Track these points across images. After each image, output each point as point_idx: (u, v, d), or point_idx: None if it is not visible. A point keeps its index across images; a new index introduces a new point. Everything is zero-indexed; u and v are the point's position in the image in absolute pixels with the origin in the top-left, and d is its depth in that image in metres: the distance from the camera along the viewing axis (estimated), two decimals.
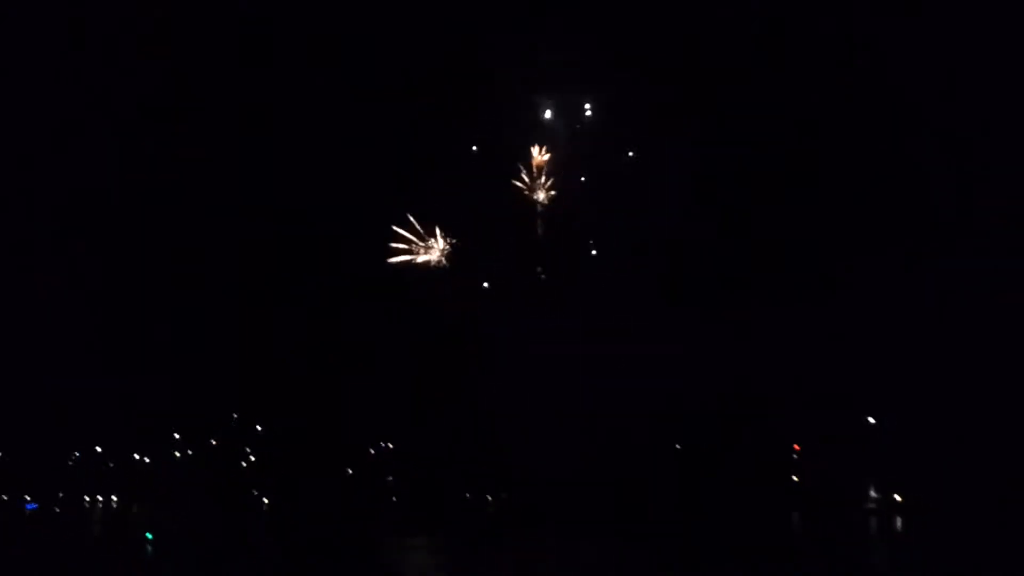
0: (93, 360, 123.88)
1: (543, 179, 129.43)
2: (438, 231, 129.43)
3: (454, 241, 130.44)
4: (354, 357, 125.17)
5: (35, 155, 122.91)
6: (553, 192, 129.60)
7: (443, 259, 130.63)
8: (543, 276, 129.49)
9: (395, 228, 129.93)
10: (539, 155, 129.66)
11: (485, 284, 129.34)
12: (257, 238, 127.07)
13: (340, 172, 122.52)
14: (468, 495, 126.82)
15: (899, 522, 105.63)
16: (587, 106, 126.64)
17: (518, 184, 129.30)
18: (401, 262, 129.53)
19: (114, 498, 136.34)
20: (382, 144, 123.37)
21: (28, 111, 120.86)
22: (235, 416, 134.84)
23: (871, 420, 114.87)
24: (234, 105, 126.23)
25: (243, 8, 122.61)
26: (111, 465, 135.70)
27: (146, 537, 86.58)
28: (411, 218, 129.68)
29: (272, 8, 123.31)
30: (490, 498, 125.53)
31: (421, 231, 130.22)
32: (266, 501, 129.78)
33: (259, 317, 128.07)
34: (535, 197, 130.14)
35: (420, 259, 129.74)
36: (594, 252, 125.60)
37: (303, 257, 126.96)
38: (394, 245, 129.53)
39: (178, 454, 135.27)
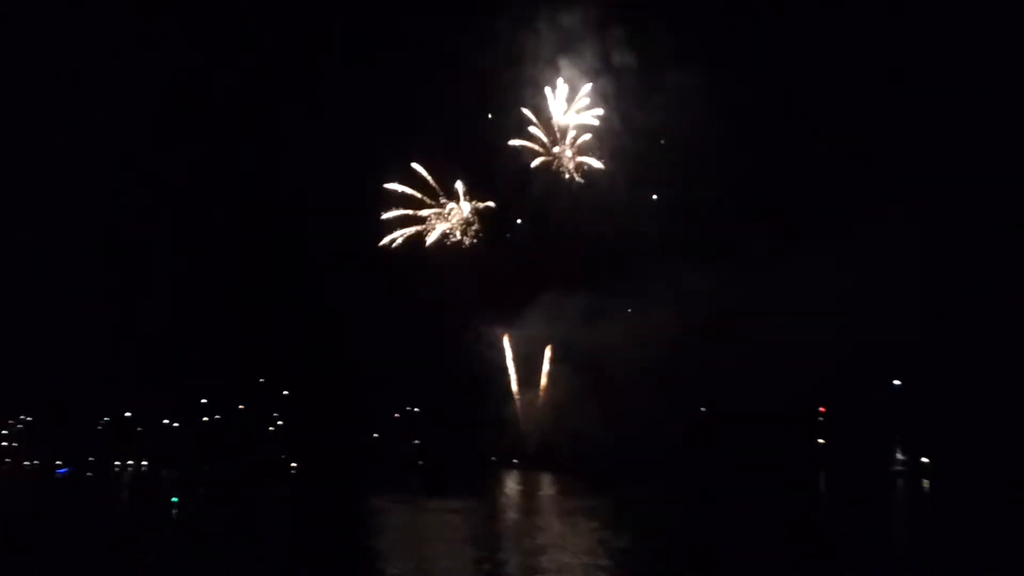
0: (123, 328, 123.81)
1: (569, 141, 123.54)
2: (460, 188, 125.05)
3: (484, 205, 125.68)
4: (379, 326, 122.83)
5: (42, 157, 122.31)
6: (582, 159, 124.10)
7: (468, 229, 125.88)
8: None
9: (393, 186, 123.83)
10: (565, 112, 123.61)
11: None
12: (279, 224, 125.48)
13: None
14: (494, 459, 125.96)
15: (926, 484, 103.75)
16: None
17: (535, 146, 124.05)
18: (410, 235, 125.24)
19: (144, 463, 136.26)
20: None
21: (27, 112, 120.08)
22: (262, 381, 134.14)
23: (897, 383, 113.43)
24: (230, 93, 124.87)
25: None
26: (140, 430, 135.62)
27: (172, 501, 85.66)
28: (421, 169, 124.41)
29: None
30: (516, 461, 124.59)
31: (436, 187, 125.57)
32: (293, 465, 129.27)
33: (286, 289, 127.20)
34: (560, 164, 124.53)
35: (434, 231, 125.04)
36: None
37: (327, 231, 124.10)
38: (393, 214, 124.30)
39: (206, 419, 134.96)
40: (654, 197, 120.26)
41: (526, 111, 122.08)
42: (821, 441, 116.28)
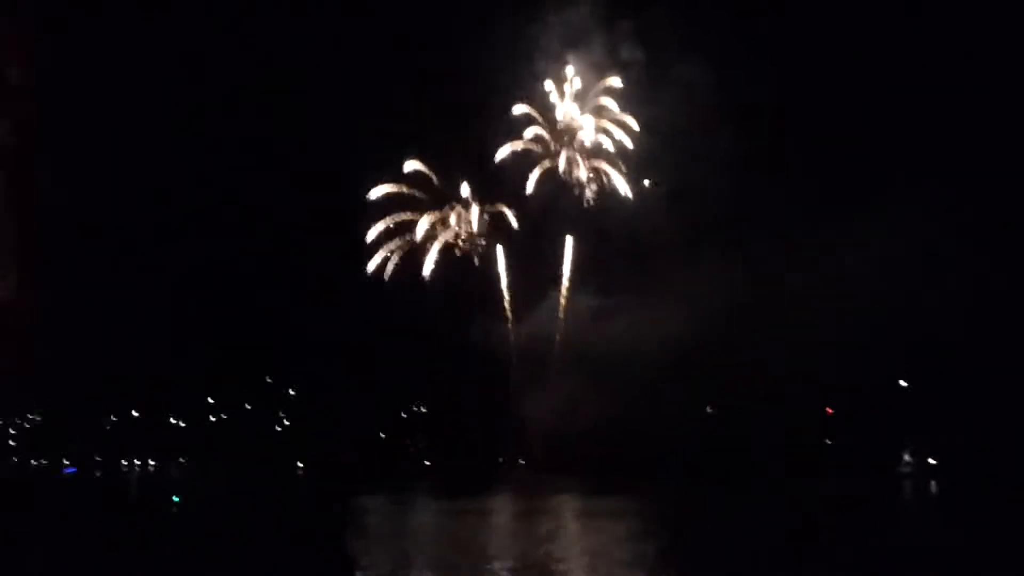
0: (130, 323, 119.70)
1: (578, 145, 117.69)
2: (467, 189, 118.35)
3: (495, 208, 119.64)
4: (385, 324, 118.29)
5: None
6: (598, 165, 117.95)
7: (478, 236, 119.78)
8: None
9: (385, 189, 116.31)
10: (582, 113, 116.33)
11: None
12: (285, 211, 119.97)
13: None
14: (501, 459, 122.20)
15: (934, 486, 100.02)
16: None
17: (539, 148, 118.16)
18: (408, 248, 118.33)
19: (151, 462, 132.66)
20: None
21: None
22: (269, 381, 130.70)
23: (904, 383, 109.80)
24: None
25: None
26: (148, 429, 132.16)
27: (173, 500, 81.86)
28: (422, 167, 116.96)
29: None
30: (522, 461, 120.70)
31: (438, 183, 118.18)
32: (299, 465, 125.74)
33: (292, 285, 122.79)
34: (570, 168, 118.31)
35: (436, 242, 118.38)
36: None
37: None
38: (383, 224, 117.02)
39: (213, 418, 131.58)
40: (646, 182, 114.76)
41: (528, 109, 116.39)
42: (828, 441, 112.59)
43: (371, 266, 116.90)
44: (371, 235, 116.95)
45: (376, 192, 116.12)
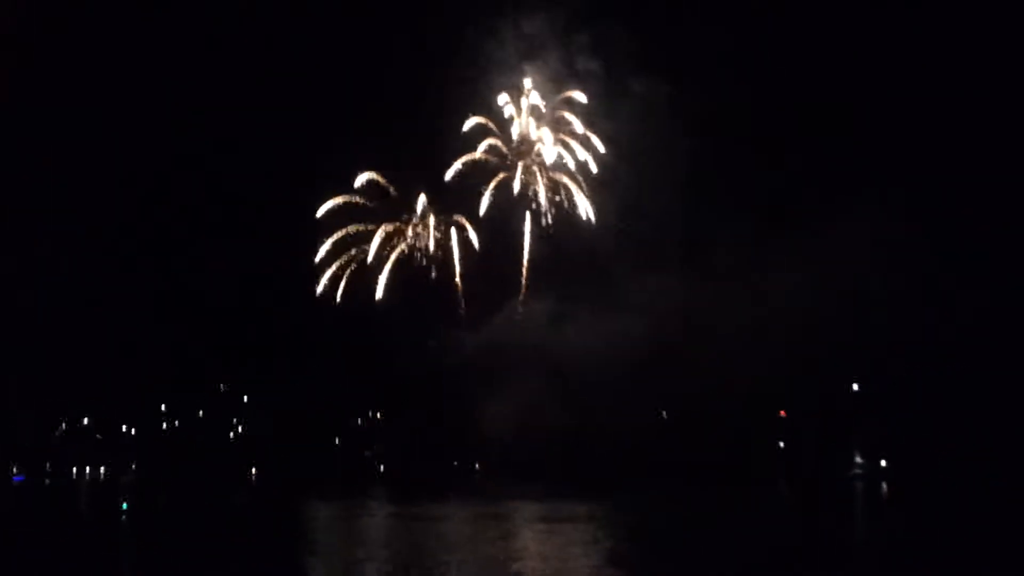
0: (80, 330, 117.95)
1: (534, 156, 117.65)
2: (423, 201, 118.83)
3: (454, 218, 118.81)
4: (341, 332, 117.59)
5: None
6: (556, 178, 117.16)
7: (437, 247, 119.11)
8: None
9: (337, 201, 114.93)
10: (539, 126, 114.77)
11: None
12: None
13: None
14: (456, 463, 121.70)
15: (884, 488, 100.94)
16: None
17: (495, 159, 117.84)
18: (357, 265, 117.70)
19: (102, 469, 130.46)
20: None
21: None
22: (223, 388, 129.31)
23: (855, 387, 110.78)
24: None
25: None
26: (98, 436, 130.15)
27: (122, 508, 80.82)
28: (378, 177, 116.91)
29: None
30: (477, 465, 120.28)
31: (395, 194, 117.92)
32: (253, 472, 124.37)
33: (243, 293, 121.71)
34: (527, 180, 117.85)
35: (392, 253, 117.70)
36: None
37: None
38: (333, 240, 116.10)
39: (165, 425, 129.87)
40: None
41: (483, 121, 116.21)
42: (781, 444, 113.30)
43: (320, 287, 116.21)
44: (320, 253, 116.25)
45: (325, 207, 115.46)
